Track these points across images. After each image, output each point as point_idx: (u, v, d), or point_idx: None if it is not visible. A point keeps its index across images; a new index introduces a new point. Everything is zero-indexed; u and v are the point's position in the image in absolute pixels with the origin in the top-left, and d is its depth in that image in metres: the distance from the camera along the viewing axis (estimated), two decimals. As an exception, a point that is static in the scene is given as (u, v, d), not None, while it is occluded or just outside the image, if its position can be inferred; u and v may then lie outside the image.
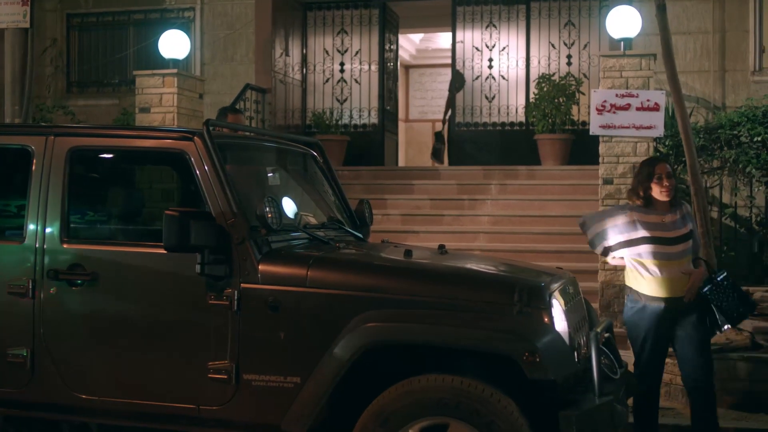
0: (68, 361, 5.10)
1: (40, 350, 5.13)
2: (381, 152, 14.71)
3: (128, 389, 5.02)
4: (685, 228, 5.99)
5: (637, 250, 5.95)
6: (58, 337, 5.10)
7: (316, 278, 4.78)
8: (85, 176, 5.47)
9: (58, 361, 5.09)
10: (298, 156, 6.36)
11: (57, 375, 5.09)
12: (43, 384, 5.13)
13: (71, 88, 14.77)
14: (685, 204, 6.15)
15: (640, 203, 6.02)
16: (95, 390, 5.08)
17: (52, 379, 5.10)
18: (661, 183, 5.93)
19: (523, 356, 4.39)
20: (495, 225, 11.79)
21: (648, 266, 5.92)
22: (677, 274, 5.89)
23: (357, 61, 14.89)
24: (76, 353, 5.10)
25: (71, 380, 5.09)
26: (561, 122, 13.16)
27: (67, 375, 5.09)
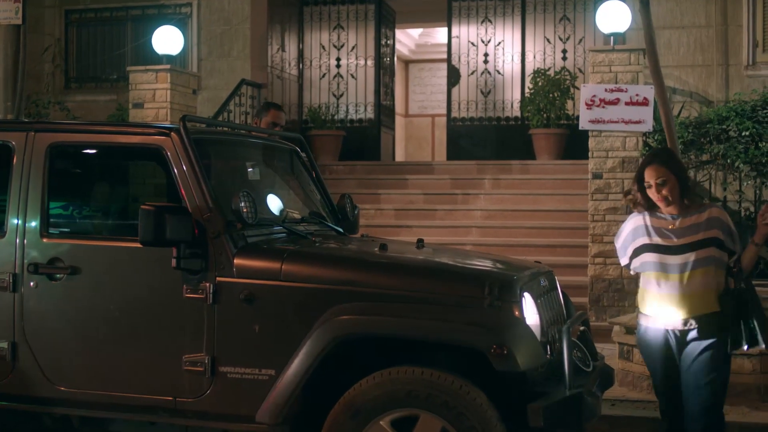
0: (48, 354, 5.16)
1: (20, 343, 5.19)
2: (377, 147, 14.77)
3: (107, 381, 5.09)
4: (702, 234, 5.05)
5: (640, 259, 5.24)
6: (39, 330, 5.17)
7: (290, 272, 4.83)
8: (65, 171, 5.53)
9: (38, 354, 5.15)
10: (280, 152, 6.42)
11: (37, 367, 5.16)
12: (23, 376, 5.20)
13: (70, 84, 14.85)
14: (712, 207, 5.23)
15: (643, 208, 5.25)
16: (75, 382, 5.15)
17: (32, 371, 5.16)
18: (651, 191, 5.14)
19: (491, 349, 4.44)
20: (488, 219, 11.84)
21: (650, 279, 5.20)
22: (681, 289, 5.04)
23: (353, 57, 14.94)
24: (56, 346, 5.17)
25: (51, 373, 5.15)
26: (556, 117, 13.21)
27: (47, 367, 5.15)
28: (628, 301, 9.58)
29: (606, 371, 5.54)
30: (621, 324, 7.70)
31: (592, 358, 5.40)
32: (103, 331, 5.10)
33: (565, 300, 5.82)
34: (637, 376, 7.26)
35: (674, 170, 5.13)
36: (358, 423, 4.57)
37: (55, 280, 5.16)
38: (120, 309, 5.07)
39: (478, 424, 4.43)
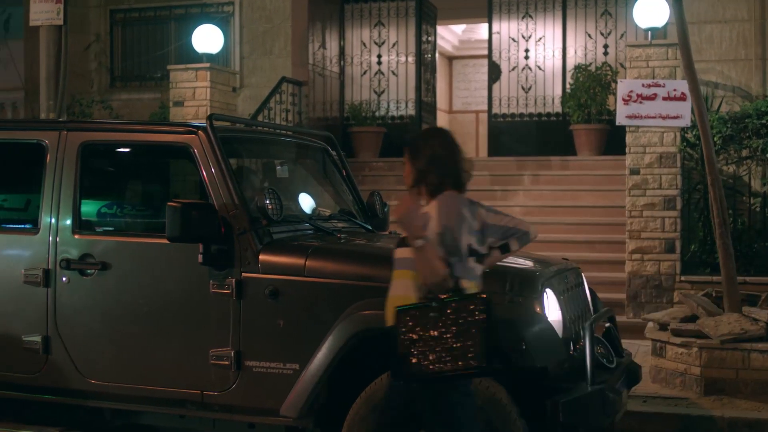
0: (80, 348, 5.29)
1: (53, 337, 5.33)
2: (418, 144, 14.74)
3: (137, 375, 5.21)
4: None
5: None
6: (70, 325, 5.29)
7: (313, 267, 4.91)
8: (97, 170, 5.65)
9: (70, 348, 5.28)
10: (310, 150, 6.50)
11: (69, 361, 5.29)
12: (56, 370, 5.33)
13: (115, 82, 15.05)
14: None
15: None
16: (106, 375, 5.28)
17: (65, 365, 5.30)
18: None
19: (510, 344, 4.47)
20: (526, 215, 11.77)
21: None
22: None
23: (394, 53, 14.98)
24: (87, 340, 5.30)
25: (83, 366, 5.28)
26: (597, 112, 13.14)
27: (79, 361, 5.28)
28: (665, 298, 9.54)
29: (632, 368, 5.53)
30: (654, 320, 7.66)
31: (618, 355, 5.40)
32: (133, 325, 5.22)
33: (592, 297, 5.83)
34: (670, 373, 7.24)
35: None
36: (379, 416, 4.62)
37: (86, 276, 5.29)
38: (149, 304, 5.18)
39: (497, 419, 4.46)
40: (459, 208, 4.13)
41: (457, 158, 4.33)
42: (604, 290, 9.43)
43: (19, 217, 5.76)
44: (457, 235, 4.06)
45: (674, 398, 6.95)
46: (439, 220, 4.06)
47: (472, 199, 4.36)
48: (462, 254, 4.07)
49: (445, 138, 4.40)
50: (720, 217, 7.36)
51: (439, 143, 4.34)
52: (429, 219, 4.07)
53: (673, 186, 9.64)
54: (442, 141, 4.36)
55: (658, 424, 6.58)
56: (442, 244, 4.02)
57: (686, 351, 7.11)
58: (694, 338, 7.10)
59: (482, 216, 4.29)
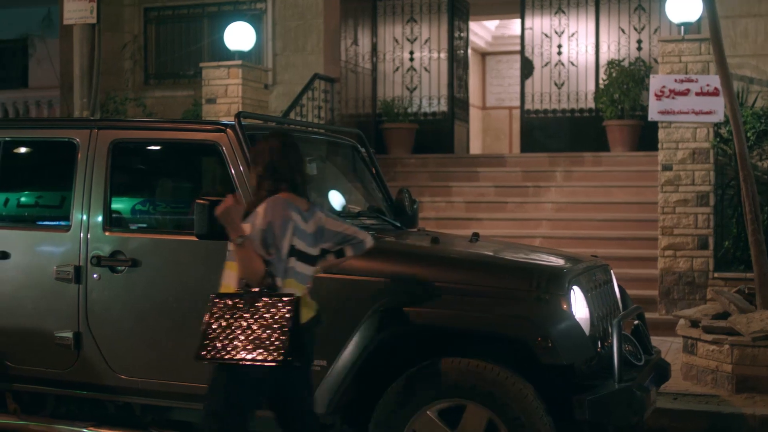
0: (110, 344, 5.35)
1: (84, 333, 5.39)
2: (451, 140, 14.79)
3: (166, 370, 5.25)
4: None
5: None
6: (101, 321, 5.35)
7: (342, 265, 4.91)
8: (127, 167, 5.71)
9: (101, 344, 5.34)
10: (339, 147, 6.52)
11: (100, 357, 5.35)
12: (87, 365, 5.39)
13: (149, 80, 15.18)
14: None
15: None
16: (136, 371, 5.33)
17: (95, 360, 5.36)
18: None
19: (536, 341, 4.48)
20: (558, 212, 11.80)
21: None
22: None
23: (426, 50, 14.99)
24: (117, 336, 5.35)
25: (113, 362, 5.34)
26: (630, 108, 13.09)
27: (109, 357, 5.34)
28: (698, 294, 9.48)
29: (661, 365, 5.51)
30: (685, 317, 7.62)
31: (646, 352, 5.38)
32: (162, 321, 5.27)
33: (621, 294, 5.80)
34: (701, 370, 7.19)
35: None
36: (405, 412, 4.65)
37: (116, 273, 5.34)
38: (177, 300, 5.23)
39: (523, 415, 4.47)
40: (284, 211, 4.31)
41: (292, 163, 4.46)
42: (636, 287, 9.41)
43: (54, 214, 5.82)
44: (278, 235, 4.25)
45: (705, 396, 6.91)
46: (263, 221, 4.28)
47: (315, 204, 4.57)
48: (282, 254, 4.27)
49: (282, 142, 4.50)
50: (752, 213, 7.30)
51: (276, 149, 4.46)
52: (257, 218, 4.29)
53: (706, 182, 9.57)
54: (278, 146, 4.47)
55: (689, 421, 6.54)
56: (263, 243, 4.23)
57: (717, 348, 7.07)
58: (725, 335, 7.05)
59: (320, 220, 4.49)
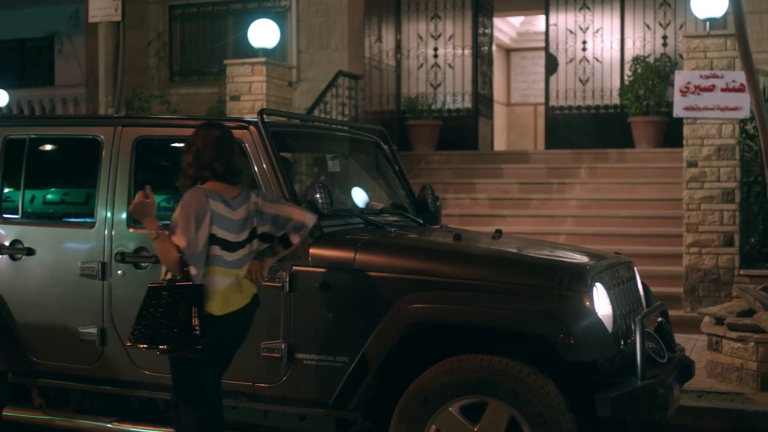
0: (134, 340, 5.37)
1: (108, 329, 5.43)
2: (475, 136, 14.78)
3: (190, 366, 5.27)
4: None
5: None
6: (126, 317, 5.36)
7: (363, 261, 4.94)
8: (150, 164, 5.73)
9: (125, 339, 5.35)
10: (362, 144, 6.52)
11: (124, 352, 5.37)
12: (111, 361, 5.43)
13: (174, 77, 15.26)
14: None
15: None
16: (160, 367, 5.34)
17: (120, 356, 5.39)
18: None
19: (558, 338, 4.47)
20: (583, 209, 11.76)
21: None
22: None
23: (450, 46, 14.98)
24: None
25: (137, 357, 5.36)
26: (655, 104, 13.03)
27: (133, 352, 5.36)
28: (723, 292, 9.42)
29: (685, 363, 5.48)
30: (710, 315, 7.58)
31: (670, 349, 5.35)
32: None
33: (645, 291, 5.78)
34: (726, 368, 7.15)
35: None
36: (427, 409, 4.65)
37: (140, 269, 5.37)
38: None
39: (545, 412, 4.46)
40: (199, 201, 4.40)
41: (217, 153, 4.52)
42: (661, 284, 9.37)
43: (80, 211, 5.85)
44: (192, 225, 4.35)
45: (730, 393, 6.87)
46: (180, 211, 4.42)
47: (250, 190, 4.67)
48: (198, 244, 4.35)
49: (207, 133, 4.59)
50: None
51: (201, 139, 4.56)
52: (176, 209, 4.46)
53: (732, 178, 9.52)
54: (203, 137, 4.57)
55: (713, 419, 6.51)
56: (180, 232, 4.36)
57: (742, 346, 7.02)
58: (750, 333, 7.00)
59: (256, 204, 4.60)
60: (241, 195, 4.58)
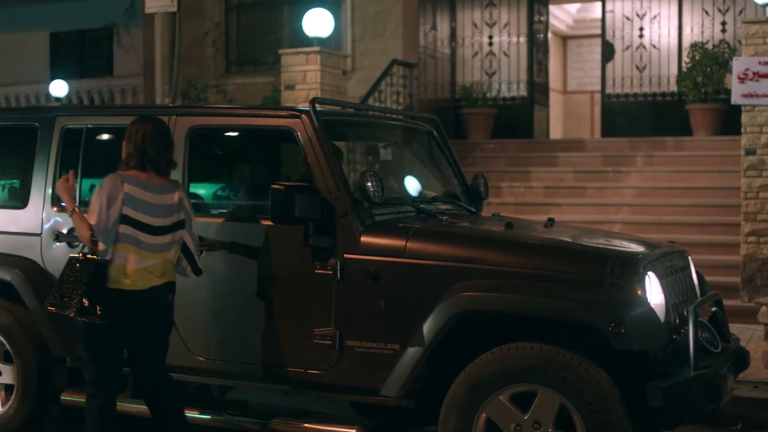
0: (189, 326, 5.44)
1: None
2: (530, 125, 14.71)
3: (243, 353, 5.33)
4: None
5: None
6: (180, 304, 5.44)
7: (414, 249, 4.95)
8: (204, 153, 5.79)
9: (180, 326, 5.43)
10: (415, 132, 6.53)
11: (179, 338, 5.44)
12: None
13: (230, 67, 15.37)
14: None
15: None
16: (213, 353, 5.43)
17: (174, 342, 5.43)
18: None
19: (609, 327, 4.45)
20: (638, 197, 11.66)
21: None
22: None
23: (506, 34, 14.91)
24: (196, 319, 5.45)
25: (192, 344, 5.44)
26: (713, 91, 12.84)
27: (188, 339, 5.44)
28: (783, 281, 9.30)
29: (739, 353, 5.41)
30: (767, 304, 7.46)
31: (724, 339, 5.29)
32: (239, 305, 5.35)
33: (699, 280, 5.72)
34: (783, 359, 7.06)
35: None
36: (477, 397, 4.65)
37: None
38: (255, 284, 5.29)
39: (596, 401, 4.44)
40: (113, 184, 4.86)
41: (140, 143, 4.94)
42: (719, 274, 9.28)
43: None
44: (104, 204, 4.81)
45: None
46: (96, 192, 4.90)
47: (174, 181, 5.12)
48: (105, 221, 4.81)
49: (137, 125, 5.00)
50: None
51: (134, 131, 4.98)
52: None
53: (791, 166, 9.38)
54: (135, 129, 4.99)
55: (770, 410, 6.43)
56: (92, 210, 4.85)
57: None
58: (808, 323, 6.90)
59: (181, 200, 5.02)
60: (168, 185, 5.00)
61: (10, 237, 5.96)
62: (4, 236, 6.00)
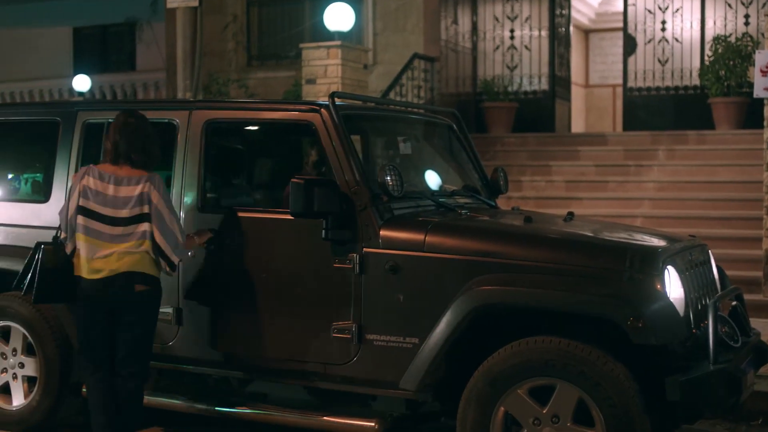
0: (208, 320, 5.47)
1: (184, 308, 5.53)
2: (551, 118, 14.67)
3: (262, 346, 5.35)
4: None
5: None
6: (199, 297, 5.48)
7: (433, 243, 4.96)
8: (220, 147, 5.81)
9: (199, 320, 5.47)
10: (435, 126, 6.54)
11: (199, 331, 5.47)
12: (187, 340, 5.54)
13: (251, 61, 15.40)
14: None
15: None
16: (233, 346, 5.46)
17: (195, 335, 5.49)
18: None
19: (628, 321, 4.44)
20: (660, 191, 11.61)
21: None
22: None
23: (527, 28, 14.87)
24: (215, 312, 5.47)
25: (211, 337, 5.46)
26: (736, 85, 12.77)
27: (207, 332, 5.47)
28: (805, 276, 9.23)
29: (760, 348, 5.38)
30: (789, 299, 7.44)
31: (744, 334, 5.27)
32: (257, 298, 5.36)
33: (720, 275, 5.70)
34: (805, 353, 7.00)
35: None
36: (496, 391, 4.66)
37: (211, 250, 5.45)
38: (273, 278, 5.31)
39: (615, 396, 4.44)
40: (75, 178, 5.15)
41: (112, 137, 5.11)
42: (740, 268, 9.23)
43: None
44: (67, 196, 5.18)
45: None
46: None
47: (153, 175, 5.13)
48: (64, 212, 5.13)
49: (113, 120, 5.21)
50: None
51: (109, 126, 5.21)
52: None
53: (814, 160, 9.31)
54: (111, 124, 5.20)
55: (791, 405, 6.40)
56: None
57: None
58: (831, 318, 6.86)
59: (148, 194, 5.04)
60: (135, 177, 5.07)
61: (33, 231, 5.99)
62: (27, 230, 6.04)
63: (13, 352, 6.01)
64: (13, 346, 6.00)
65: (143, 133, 5.14)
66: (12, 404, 6.01)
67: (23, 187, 6.54)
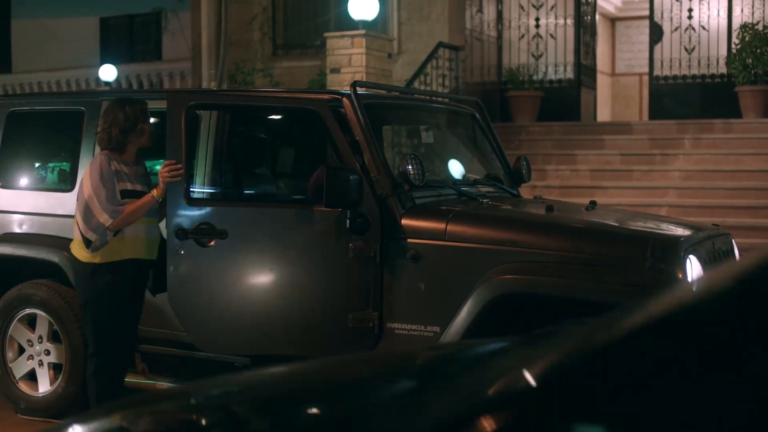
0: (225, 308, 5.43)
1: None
2: (577, 107, 14.60)
3: (282, 335, 5.35)
4: None
5: None
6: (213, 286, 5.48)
7: (454, 232, 4.97)
8: (241, 135, 5.83)
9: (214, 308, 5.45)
10: (458, 116, 6.53)
11: (216, 320, 5.46)
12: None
13: (277, 50, 15.42)
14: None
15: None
16: (252, 335, 5.45)
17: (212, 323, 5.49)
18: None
19: (649, 310, 4.43)
20: (686, 180, 11.54)
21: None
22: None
23: (552, 16, 14.79)
24: (231, 301, 5.42)
25: (229, 326, 5.44)
26: (763, 73, 12.66)
27: (225, 321, 5.44)
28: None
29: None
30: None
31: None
32: (275, 287, 5.34)
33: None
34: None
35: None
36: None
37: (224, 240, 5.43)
38: (294, 268, 5.29)
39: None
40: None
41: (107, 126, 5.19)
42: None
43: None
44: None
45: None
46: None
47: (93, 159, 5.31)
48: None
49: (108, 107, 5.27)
50: None
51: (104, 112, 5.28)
52: None
53: (842, 149, 9.23)
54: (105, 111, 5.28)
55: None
56: None
57: None
58: None
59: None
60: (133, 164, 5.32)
61: (59, 219, 6.05)
62: (53, 219, 6.10)
63: (39, 340, 6.08)
64: (38, 334, 6.07)
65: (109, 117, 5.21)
66: (38, 391, 6.07)
67: (49, 176, 6.60)
